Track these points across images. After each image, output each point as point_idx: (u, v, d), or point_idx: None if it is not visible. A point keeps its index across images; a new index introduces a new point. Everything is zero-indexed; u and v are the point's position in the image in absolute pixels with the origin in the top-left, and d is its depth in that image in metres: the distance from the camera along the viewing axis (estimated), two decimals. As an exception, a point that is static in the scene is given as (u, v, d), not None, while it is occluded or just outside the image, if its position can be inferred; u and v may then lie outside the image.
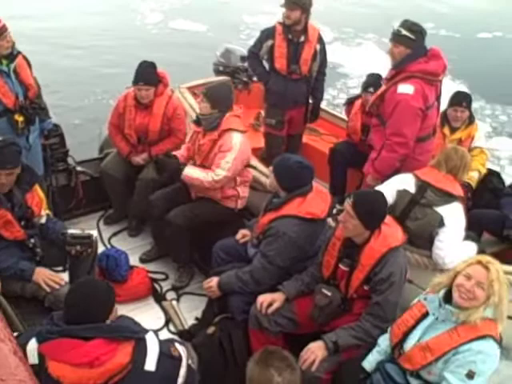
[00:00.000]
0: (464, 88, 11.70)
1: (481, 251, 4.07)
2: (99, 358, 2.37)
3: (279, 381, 2.29)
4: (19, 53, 4.60)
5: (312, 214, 3.66)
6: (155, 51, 11.83)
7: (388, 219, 3.40)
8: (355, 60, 12.07)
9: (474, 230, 4.45)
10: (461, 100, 5.04)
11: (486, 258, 2.78)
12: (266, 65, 5.62)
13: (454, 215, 3.90)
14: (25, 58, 4.67)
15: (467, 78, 12.36)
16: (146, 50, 12.30)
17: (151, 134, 5.03)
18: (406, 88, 4.13)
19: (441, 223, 3.89)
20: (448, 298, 2.87)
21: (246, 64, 6.69)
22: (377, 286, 3.25)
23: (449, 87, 12.61)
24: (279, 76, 5.50)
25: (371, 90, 5.40)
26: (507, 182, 5.19)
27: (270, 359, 2.34)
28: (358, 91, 5.75)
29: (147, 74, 4.87)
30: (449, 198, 3.91)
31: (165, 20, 16.39)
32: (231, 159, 4.30)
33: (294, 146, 5.89)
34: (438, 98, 4.41)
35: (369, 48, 14.63)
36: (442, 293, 2.90)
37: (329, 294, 3.42)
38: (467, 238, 4.05)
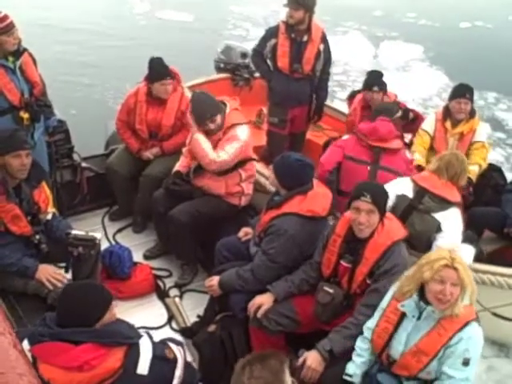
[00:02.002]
0: (441, 74, 12.31)
1: (479, 252, 4.06)
2: (89, 362, 2.38)
3: (244, 381, 2.21)
4: (25, 50, 4.61)
5: (313, 211, 3.66)
6: (148, 45, 12.07)
7: (388, 214, 3.43)
8: (338, 48, 12.21)
9: (474, 228, 4.44)
10: (464, 92, 4.99)
11: (449, 257, 2.76)
12: (270, 64, 5.62)
13: (451, 221, 3.89)
14: (30, 54, 4.69)
15: (445, 65, 12.66)
16: (139, 44, 12.62)
17: (164, 129, 5.04)
18: None
19: (438, 228, 3.88)
20: (422, 296, 2.87)
21: (246, 61, 6.74)
22: (379, 277, 3.27)
23: (427, 73, 12.52)
24: (282, 75, 5.51)
25: (376, 88, 5.47)
26: (509, 178, 5.12)
27: (256, 361, 2.27)
28: (341, 78, 5.82)
29: (167, 69, 4.95)
30: (446, 204, 3.91)
31: (152, 10, 16.45)
32: (236, 146, 4.34)
33: (298, 145, 5.91)
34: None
35: (352, 36, 14.78)
36: (415, 295, 2.89)
37: (331, 291, 3.43)
38: (465, 239, 4.04)
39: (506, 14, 17.14)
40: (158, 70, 4.92)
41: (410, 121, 5.54)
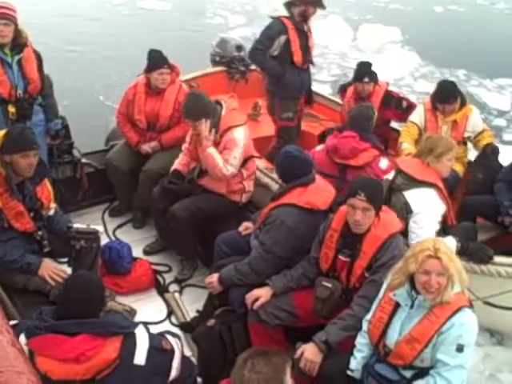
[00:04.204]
0: (414, 54, 12.86)
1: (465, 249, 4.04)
2: (84, 353, 2.39)
3: (245, 373, 2.24)
4: (27, 46, 4.62)
5: (311, 204, 3.67)
6: (136, 34, 12.32)
7: (384, 207, 3.45)
8: (318, 31, 12.66)
9: (467, 216, 4.44)
10: (445, 98, 4.96)
11: (432, 248, 2.79)
12: (280, 59, 5.58)
13: (420, 201, 3.87)
14: (35, 52, 4.72)
15: (418, 46, 13.21)
16: (127, 34, 12.80)
17: (162, 120, 5.06)
18: None
19: (408, 208, 3.87)
20: (413, 285, 2.90)
21: (242, 53, 6.77)
22: (377, 269, 3.29)
23: (400, 55, 12.95)
24: (296, 68, 5.54)
25: (366, 79, 5.53)
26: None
27: (259, 356, 2.29)
28: (319, 60, 5.96)
29: (165, 59, 5.00)
30: (415, 182, 3.92)
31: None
32: (238, 154, 4.35)
33: (297, 134, 5.99)
34: None
35: (331, 20, 14.96)
36: (406, 285, 2.93)
37: (329, 285, 3.44)
38: (462, 230, 4.05)
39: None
40: (155, 60, 4.98)
41: (404, 110, 5.56)
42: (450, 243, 3.93)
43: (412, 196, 3.90)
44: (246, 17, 15.59)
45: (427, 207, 3.88)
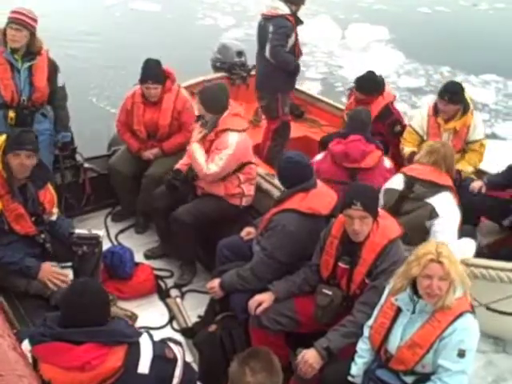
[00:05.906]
0: (398, 52, 13.21)
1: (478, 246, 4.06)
2: (90, 362, 2.40)
3: (250, 380, 2.28)
4: (40, 54, 4.64)
5: (313, 209, 3.68)
6: (128, 36, 12.43)
7: (382, 212, 3.44)
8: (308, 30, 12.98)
9: (469, 218, 4.42)
10: (443, 94, 4.87)
11: (435, 251, 2.80)
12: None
13: (445, 204, 3.91)
14: (52, 62, 4.74)
15: (402, 44, 13.66)
16: (119, 35, 12.87)
17: (161, 129, 5.05)
18: None
19: (434, 214, 3.88)
20: (414, 290, 2.91)
21: (242, 59, 6.87)
22: (377, 275, 3.29)
23: (386, 53, 13.30)
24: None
25: (359, 95, 5.48)
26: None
27: (250, 358, 2.34)
28: (307, 58, 6.18)
29: (155, 73, 4.88)
30: (437, 188, 3.95)
31: (125, 1, 16.63)
32: (225, 156, 4.32)
33: None
34: None
35: (319, 19, 15.39)
36: (408, 290, 2.93)
37: (329, 292, 3.44)
38: (464, 233, 4.06)
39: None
40: (143, 73, 4.89)
41: (395, 134, 5.41)
42: (470, 244, 4.01)
43: (437, 202, 3.92)
44: (236, 18, 15.75)
45: (450, 211, 3.93)
